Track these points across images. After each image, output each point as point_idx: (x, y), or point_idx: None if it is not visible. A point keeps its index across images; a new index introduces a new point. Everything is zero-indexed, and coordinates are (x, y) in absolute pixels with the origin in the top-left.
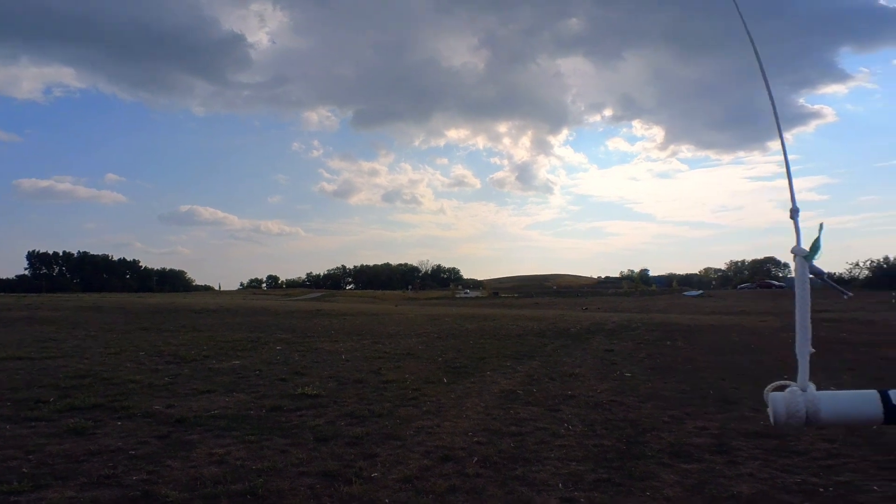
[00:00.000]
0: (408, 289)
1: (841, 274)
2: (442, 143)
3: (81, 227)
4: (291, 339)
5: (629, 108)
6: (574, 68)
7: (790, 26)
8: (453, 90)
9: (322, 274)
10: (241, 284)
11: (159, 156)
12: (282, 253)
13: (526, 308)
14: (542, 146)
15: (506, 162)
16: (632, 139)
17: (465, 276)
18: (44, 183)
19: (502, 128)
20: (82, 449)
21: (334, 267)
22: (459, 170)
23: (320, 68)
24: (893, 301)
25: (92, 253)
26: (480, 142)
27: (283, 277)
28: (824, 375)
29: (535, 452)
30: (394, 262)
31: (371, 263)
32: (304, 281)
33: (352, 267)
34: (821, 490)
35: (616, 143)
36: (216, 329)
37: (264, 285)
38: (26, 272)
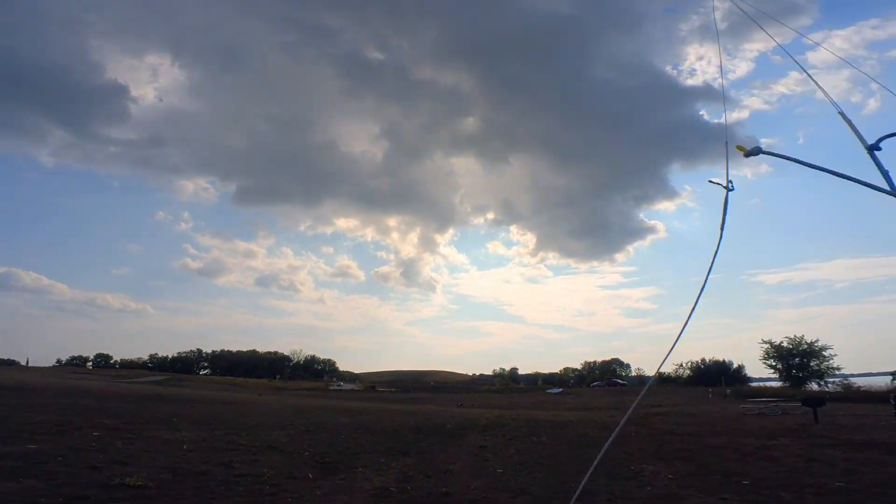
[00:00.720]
0: (275, 378)
1: (669, 373)
2: (329, 230)
3: None
4: (117, 424)
5: (509, 213)
6: (465, 168)
7: (636, 141)
8: (349, 177)
9: (170, 356)
10: (58, 361)
11: None
12: (120, 330)
13: (403, 403)
14: (428, 244)
15: (392, 256)
16: (509, 244)
17: (342, 369)
18: None
19: (392, 222)
20: None
21: (187, 350)
22: (345, 260)
23: (208, 135)
24: (710, 396)
25: None
26: (369, 234)
27: (116, 356)
28: (662, 464)
29: None
30: (262, 349)
31: (234, 349)
32: (145, 362)
33: (209, 351)
34: None
35: (495, 247)
36: (11, 409)
37: (90, 364)
38: None
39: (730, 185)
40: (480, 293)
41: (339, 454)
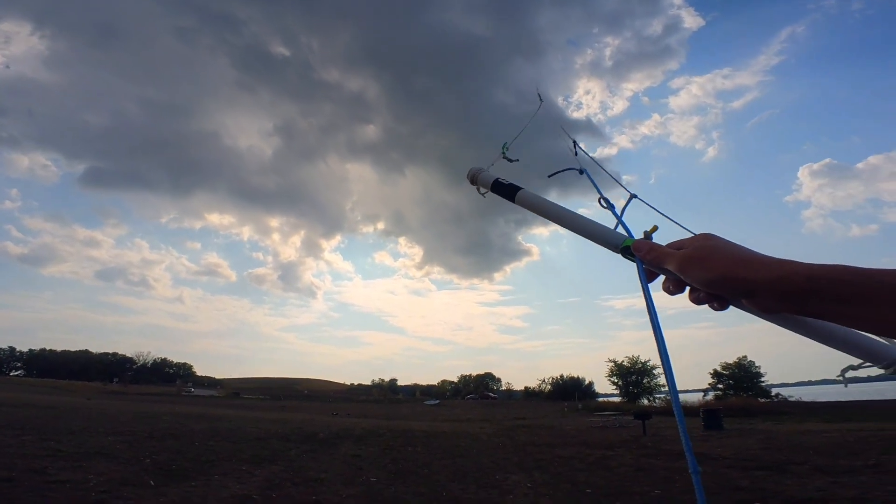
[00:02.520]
0: (113, 381)
1: (533, 388)
2: (198, 225)
3: None
4: None
5: (399, 225)
6: (360, 175)
7: (521, 166)
8: (230, 172)
9: None
10: None
11: None
12: None
13: (271, 411)
14: (312, 248)
15: (270, 259)
16: (396, 255)
17: (201, 374)
18: None
19: (274, 222)
20: None
21: None
22: (213, 258)
23: (59, 109)
24: (566, 409)
25: None
26: (246, 232)
27: None
28: (523, 474)
29: None
30: (97, 349)
31: (59, 349)
32: None
33: (26, 350)
34: None
35: (382, 257)
36: None
37: None
38: None
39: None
40: (364, 302)
41: (190, 462)
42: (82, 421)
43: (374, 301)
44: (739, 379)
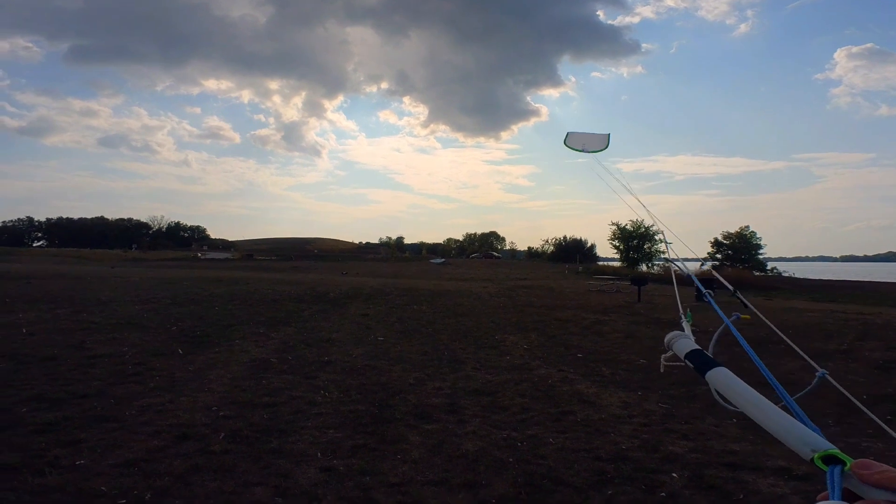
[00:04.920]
0: (132, 248)
1: (536, 248)
2: (195, 91)
3: None
4: None
5: (403, 84)
6: (361, 38)
7: (533, 30)
8: (222, 40)
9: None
10: None
11: None
12: None
13: (284, 272)
14: (314, 109)
15: (272, 120)
16: (400, 113)
17: (214, 236)
18: None
19: (274, 85)
20: None
21: (14, 218)
22: (214, 121)
23: None
24: (567, 272)
25: None
26: (246, 96)
27: None
28: (521, 335)
29: (292, 423)
30: (111, 216)
31: (76, 216)
32: None
33: (44, 219)
34: (518, 444)
35: (386, 116)
36: None
37: None
38: None
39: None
40: (369, 160)
41: (212, 327)
42: (109, 291)
43: (380, 159)
44: (738, 249)
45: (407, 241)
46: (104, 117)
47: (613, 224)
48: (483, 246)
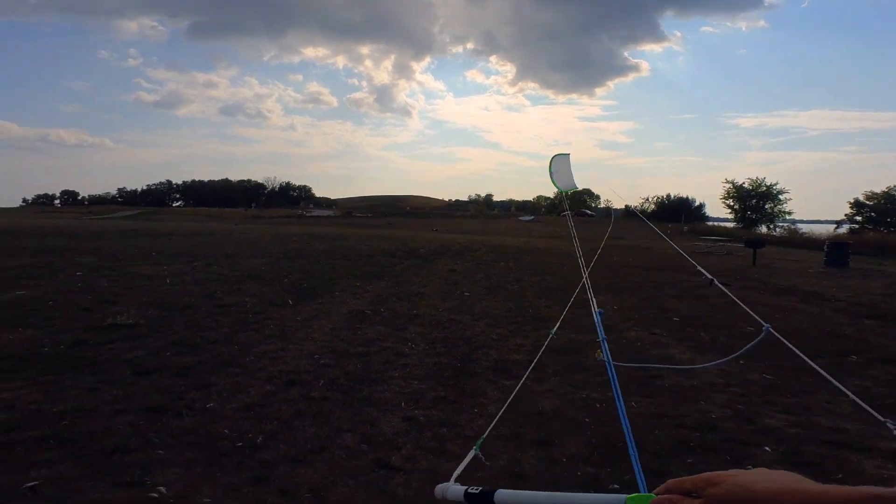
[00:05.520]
0: (251, 206)
1: (635, 207)
2: (297, 59)
3: None
4: (97, 263)
5: (489, 44)
6: (445, 0)
7: None
8: (315, 10)
9: (140, 189)
10: (24, 201)
11: None
12: (82, 166)
13: (379, 228)
14: (403, 71)
15: (365, 83)
16: (487, 72)
17: (318, 195)
18: None
19: (365, 49)
20: None
21: (157, 182)
22: (315, 87)
23: None
24: (669, 231)
25: None
26: (340, 61)
27: (84, 193)
28: (612, 295)
29: (381, 373)
30: (234, 177)
31: (205, 179)
32: (114, 197)
33: (180, 182)
34: (597, 406)
35: (473, 75)
36: None
37: (58, 202)
38: None
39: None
40: (458, 119)
41: (317, 280)
42: (234, 246)
43: (468, 117)
44: (883, 212)
45: (496, 198)
46: (223, 88)
47: (728, 182)
48: (576, 203)
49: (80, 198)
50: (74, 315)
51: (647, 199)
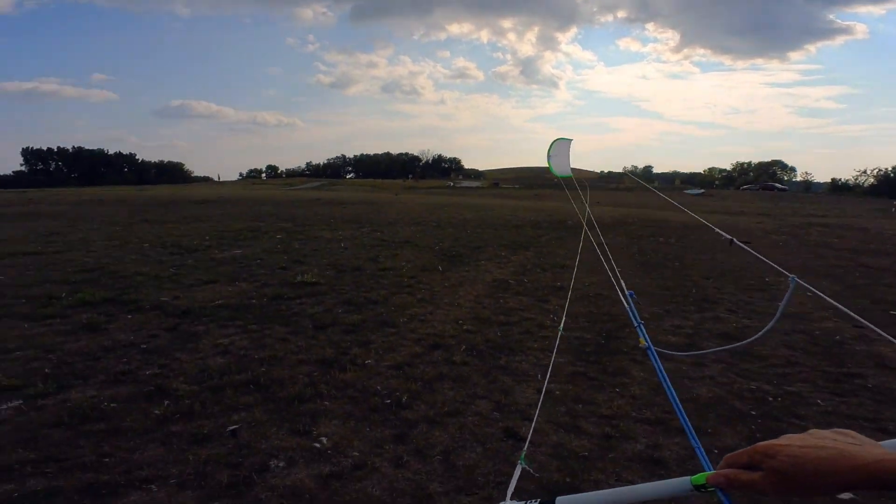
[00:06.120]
0: (408, 178)
1: (845, 180)
2: (443, 36)
3: (72, 123)
4: (291, 227)
5: (644, 11)
6: None
7: None
8: None
9: (322, 163)
10: (241, 175)
11: (146, 55)
12: (280, 143)
13: (526, 199)
14: (548, 42)
15: (509, 56)
16: (644, 40)
17: (467, 166)
18: (27, 85)
19: (507, 23)
20: (97, 345)
21: (334, 156)
22: (461, 62)
23: None
24: (893, 210)
25: (87, 148)
26: (484, 36)
27: (282, 167)
28: (811, 278)
29: (520, 343)
30: (393, 151)
31: (371, 153)
32: (303, 170)
33: (352, 156)
34: (770, 399)
35: (626, 43)
36: (217, 219)
37: (264, 175)
38: (23, 168)
39: None
40: (610, 89)
41: (465, 248)
42: (394, 214)
43: (622, 87)
44: None
45: (656, 170)
46: (382, 67)
47: None
48: (761, 176)
49: (279, 171)
50: (274, 272)
51: (864, 172)
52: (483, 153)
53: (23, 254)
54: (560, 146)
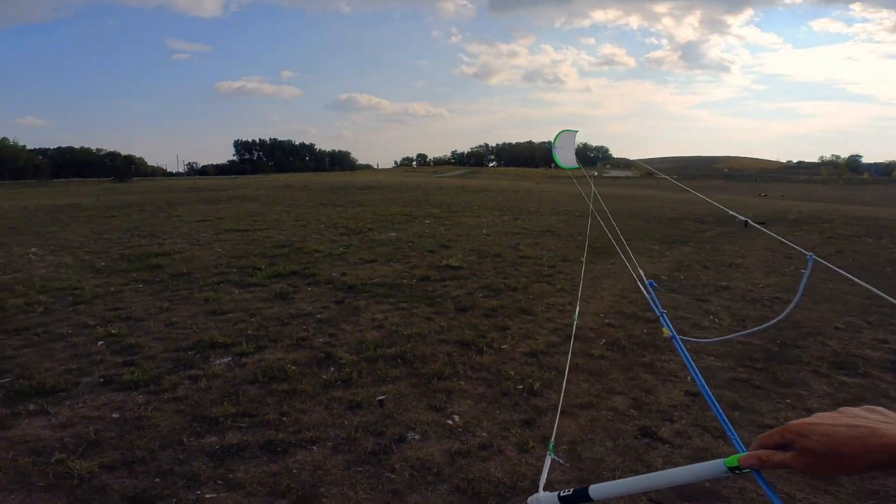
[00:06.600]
0: (550, 167)
1: None
2: (587, 23)
3: (268, 117)
4: (439, 213)
5: None
6: None
7: None
8: None
9: (466, 152)
10: (395, 162)
11: (320, 52)
12: (428, 133)
13: (684, 191)
14: (714, 26)
15: (665, 41)
16: (849, 20)
17: (615, 156)
18: (236, 84)
19: (661, 8)
20: (286, 312)
21: (477, 145)
22: (608, 49)
23: None
24: None
25: (280, 139)
26: (633, 22)
27: (430, 155)
28: None
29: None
30: (536, 140)
31: (513, 141)
32: (449, 159)
33: (494, 145)
34: None
35: (823, 24)
36: (377, 204)
37: (414, 163)
38: (234, 158)
39: None
40: (798, 72)
41: (611, 241)
42: (535, 203)
43: (818, 70)
44: None
45: (866, 159)
46: (523, 56)
47: None
48: None
49: (427, 160)
50: (423, 255)
51: None
52: (634, 142)
53: (235, 230)
54: (565, 138)
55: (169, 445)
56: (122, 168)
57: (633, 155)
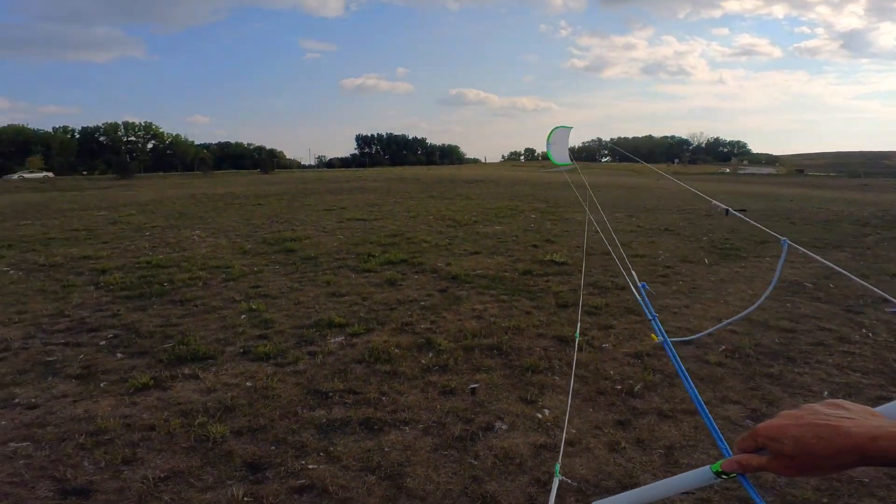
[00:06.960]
0: (673, 162)
1: None
2: (717, 14)
3: (385, 112)
4: (545, 208)
5: None
6: None
7: None
8: None
9: (576, 147)
10: (502, 157)
11: (430, 48)
12: (536, 127)
13: (845, 190)
14: (885, 13)
15: (821, 30)
16: None
17: (755, 151)
18: (357, 81)
19: None
20: (394, 298)
21: (589, 139)
22: (746, 39)
23: None
24: None
25: (395, 133)
26: (778, 11)
27: (538, 150)
28: None
29: (806, 354)
30: (657, 134)
31: (629, 136)
32: None
33: (608, 139)
34: None
35: None
36: (483, 198)
37: (522, 157)
38: (356, 151)
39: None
40: None
41: (744, 241)
42: (654, 200)
43: None
44: None
45: None
46: (641, 49)
47: None
48: None
49: (535, 154)
50: (527, 249)
51: None
52: (780, 136)
53: (356, 219)
54: (559, 134)
55: (286, 416)
56: (266, 161)
57: (779, 150)
